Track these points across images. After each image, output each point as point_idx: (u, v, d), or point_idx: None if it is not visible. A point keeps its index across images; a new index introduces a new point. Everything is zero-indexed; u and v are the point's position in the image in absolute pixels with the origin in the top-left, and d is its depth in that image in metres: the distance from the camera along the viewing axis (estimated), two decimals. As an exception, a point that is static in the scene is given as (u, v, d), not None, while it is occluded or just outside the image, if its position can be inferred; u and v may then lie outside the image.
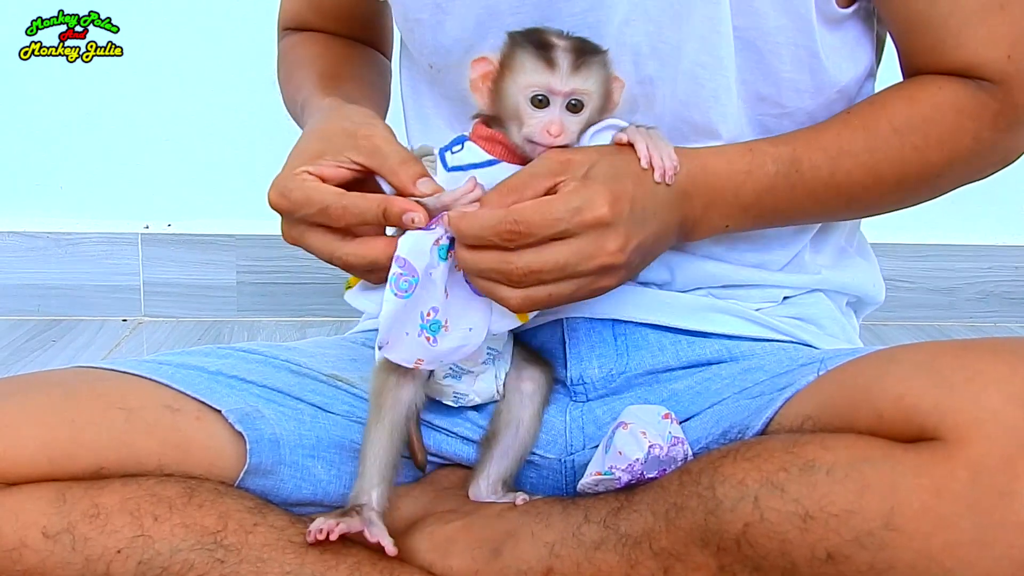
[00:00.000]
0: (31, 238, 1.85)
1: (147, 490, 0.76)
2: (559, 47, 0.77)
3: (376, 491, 0.81)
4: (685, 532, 0.72)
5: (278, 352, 0.93)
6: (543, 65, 0.77)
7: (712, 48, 0.83)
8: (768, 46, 0.84)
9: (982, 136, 0.86)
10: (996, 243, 1.92)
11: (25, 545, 0.73)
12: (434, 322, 0.78)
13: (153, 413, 0.81)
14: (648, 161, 0.78)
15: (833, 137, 0.85)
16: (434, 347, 0.78)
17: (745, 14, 0.83)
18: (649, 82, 0.85)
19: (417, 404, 0.86)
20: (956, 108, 0.85)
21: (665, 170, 0.78)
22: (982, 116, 0.85)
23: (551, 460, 0.90)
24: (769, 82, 0.85)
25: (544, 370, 0.89)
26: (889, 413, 0.68)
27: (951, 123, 0.85)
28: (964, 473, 0.63)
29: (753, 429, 0.78)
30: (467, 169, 0.80)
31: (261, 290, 1.86)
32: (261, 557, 0.75)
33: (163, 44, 1.81)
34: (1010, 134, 0.87)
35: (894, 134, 0.85)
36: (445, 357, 0.80)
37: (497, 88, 0.78)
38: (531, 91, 0.77)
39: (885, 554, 0.64)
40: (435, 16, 0.89)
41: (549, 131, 0.77)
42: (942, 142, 0.85)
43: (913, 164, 0.86)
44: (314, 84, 0.99)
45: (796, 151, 0.84)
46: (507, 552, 0.79)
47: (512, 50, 0.78)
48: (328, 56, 1.05)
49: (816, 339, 0.93)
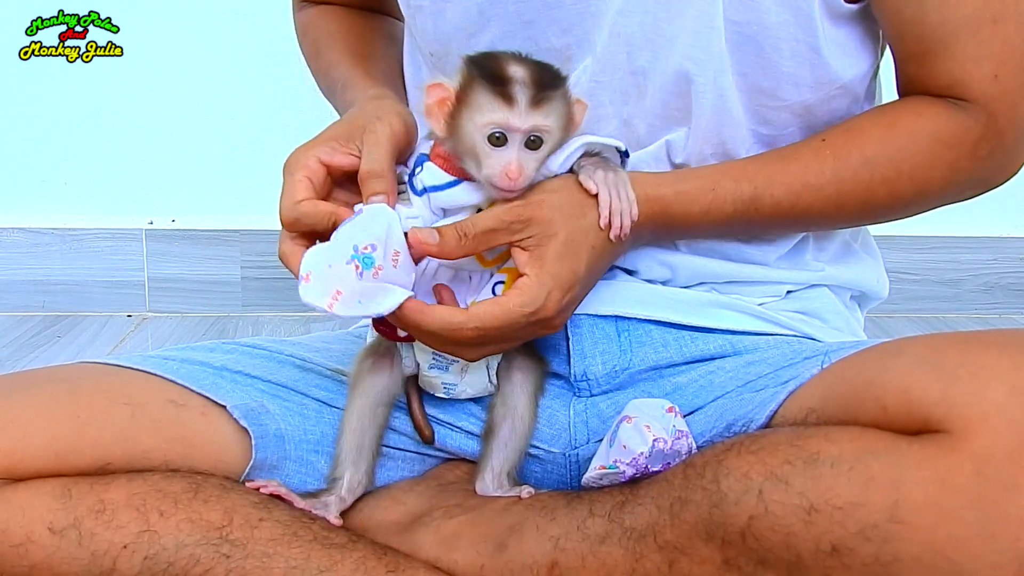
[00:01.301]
0: (36, 234, 1.85)
1: (153, 485, 0.77)
2: (517, 80, 0.76)
3: (346, 475, 0.84)
4: (690, 525, 0.72)
5: (283, 347, 0.94)
6: (500, 102, 0.75)
7: (704, 43, 0.83)
8: (769, 41, 0.84)
9: (960, 166, 0.85)
10: (1001, 235, 1.91)
11: (31, 540, 0.74)
12: (367, 257, 0.76)
13: (158, 409, 0.82)
14: (607, 221, 0.79)
15: (800, 170, 0.85)
16: (360, 281, 0.75)
17: (746, 9, 0.82)
18: (641, 73, 0.85)
19: (392, 391, 0.87)
20: (934, 137, 0.84)
21: (622, 228, 0.80)
22: (962, 144, 0.84)
23: (555, 454, 0.90)
24: (768, 76, 0.85)
25: (535, 359, 0.89)
26: (893, 406, 0.67)
27: (926, 153, 0.84)
28: (969, 466, 0.63)
29: (757, 422, 0.78)
30: (430, 192, 0.79)
31: (265, 285, 1.86)
32: (267, 552, 0.75)
33: (163, 44, 1.81)
34: (991, 161, 0.86)
35: (864, 165, 0.84)
36: (364, 299, 0.75)
37: (453, 121, 0.77)
38: (488, 129, 0.76)
39: (890, 547, 0.64)
40: (436, 3, 0.89)
41: (508, 175, 0.76)
42: (915, 175, 0.85)
43: (880, 196, 0.86)
44: (350, 64, 0.99)
45: (758, 189, 0.84)
46: (512, 546, 0.79)
47: (469, 82, 0.77)
48: (354, 32, 1.05)
49: (820, 332, 0.92)
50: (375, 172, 0.78)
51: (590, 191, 0.79)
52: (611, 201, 0.79)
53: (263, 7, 1.80)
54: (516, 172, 0.76)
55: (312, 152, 0.80)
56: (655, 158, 0.88)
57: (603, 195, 0.79)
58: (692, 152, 0.87)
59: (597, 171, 0.79)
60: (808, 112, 0.87)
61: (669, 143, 0.87)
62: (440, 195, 0.79)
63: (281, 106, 1.81)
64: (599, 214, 0.79)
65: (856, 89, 0.89)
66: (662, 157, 0.88)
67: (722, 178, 0.85)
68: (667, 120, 0.87)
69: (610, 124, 0.87)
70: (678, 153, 0.87)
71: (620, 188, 0.80)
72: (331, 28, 1.05)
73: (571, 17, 0.84)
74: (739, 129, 0.87)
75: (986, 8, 0.81)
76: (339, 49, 1.02)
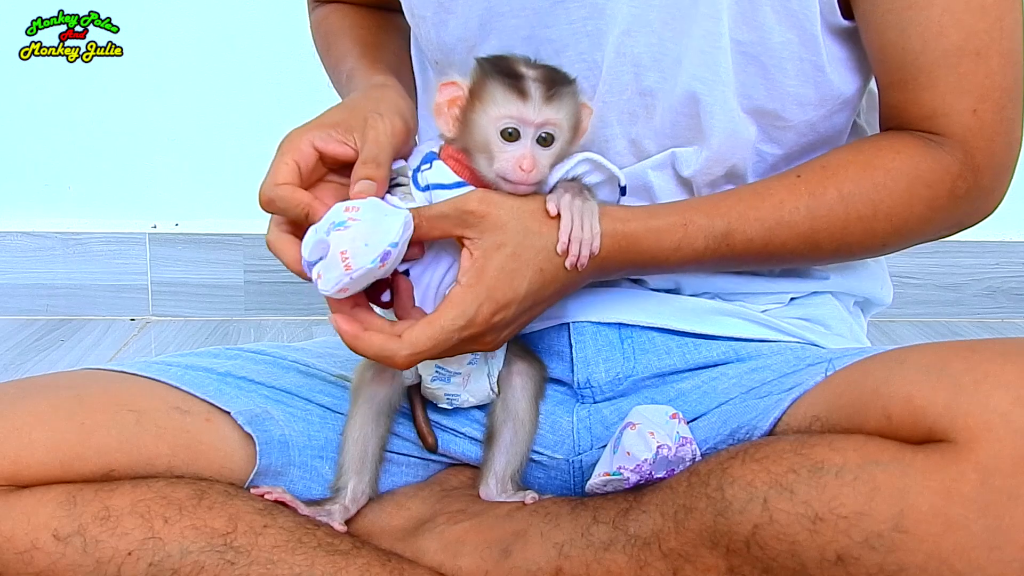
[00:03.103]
0: (39, 238, 1.85)
1: (157, 492, 0.77)
2: (529, 76, 0.76)
3: (350, 485, 0.84)
4: (694, 533, 0.72)
5: (287, 353, 0.94)
6: (515, 95, 0.76)
7: (711, 63, 0.83)
8: (773, 60, 0.83)
9: (937, 204, 0.84)
10: (1003, 239, 1.92)
11: (36, 547, 0.74)
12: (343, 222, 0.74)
13: (163, 415, 0.82)
14: (564, 247, 0.78)
15: (774, 206, 0.83)
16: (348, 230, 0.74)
17: (750, 29, 0.82)
18: (650, 93, 0.85)
19: (393, 400, 0.87)
20: (912, 176, 0.83)
21: (579, 258, 0.78)
22: (940, 182, 0.83)
23: (559, 460, 0.90)
24: (773, 96, 0.85)
25: (534, 363, 0.89)
26: (898, 415, 0.68)
27: (903, 191, 0.83)
28: (974, 475, 0.63)
29: (761, 429, 0.78)
30: (435, 189, 0.79)
31: (268, 289, 1.86)
32: (271, 559, 0.76)
33: (163, 44, 1.81)
34: (967, 201, 0.85)
35: (840, 202, 0.83)
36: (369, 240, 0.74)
37: (465, 118, 0.78)
38: (502, 123, 0.76)
39: (895, 556, 0.64)
40: (438, 15, 0.89)
41: (521, 166, 0.76)
42: (891, 213, 0.84)
43: (856, 234, 0.84)
44: (358, 55, 0.98)
45: (731, 225, 0.83)
46: (516, 552, 0.79)
47: (482, 79, 0.77)
48: (365, 26, 1.05)
49: (823, 339, 0.92)
50: (371, 160, 0.78)
51: (551, 212, 0.78)
52: (572, 228, 0.78)
53: (265, 7, 1.80)
54: (530, 165, 0.76)
55: (307, 136, 0.80)
56: (659, 165, 0.88)
57: (565, 220, 0.77)
58: (701, 170, 0.87)
59: (565, 195, 0.78)
60: (812, 130, 0.87)
61: (675, 155, 0.87)
62: (443, 193, 0.79)
63: (285, 109, 1.81)
64: (558, 239, 0.78)
65: (855, 103, 0.89)
66: (667, 166, 0.88)
67: (694, 214, 0.83)
68: (676, 140, 0.86)
69: (618, 143, 0.87)
70: (684, 168, 0.87)
71: (586, 217, 0.78)
72: (343, 23, 1.05)
73: (565, 37, 0.84)
74: (748, 149, 0.87)
75: (969, 40, 0.80)
76: (348, 42, 1.02)
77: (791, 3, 0.81)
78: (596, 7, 0.83)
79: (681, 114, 0.85)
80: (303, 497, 0.84)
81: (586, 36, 0.83)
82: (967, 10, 0.80)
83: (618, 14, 0.83)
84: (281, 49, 1.82)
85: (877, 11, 0.81)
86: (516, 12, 0.85)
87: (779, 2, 0.81)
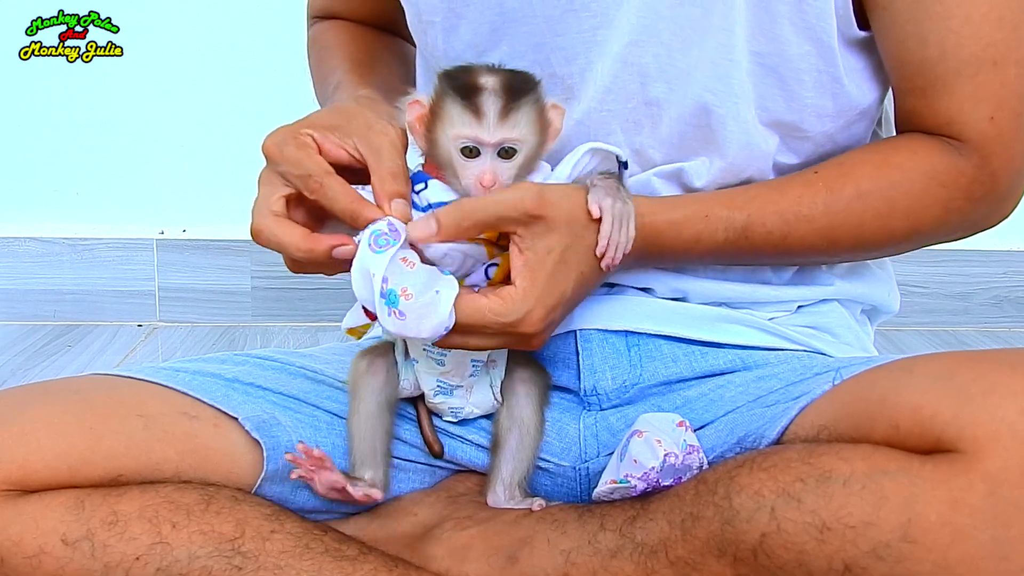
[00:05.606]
0: (47, 244, 1.85)
1: (165, 497, 0.77)
2: (486, 91, 0.76)
3: (367, 476, 0.84)
4: (701, 542, 0.72)
5: (294, 359, 0.94)
6: (469, 116, 0.76)
7: (723, 75, 0.83)
8: (791, 72, 0.84)
9: (953, 205, 0.85)
10: (1010, 248, 1.91)
11: (45, 552, 0.74)
12: (390, 292, 0.75)
13: (171, 420, 0.82)
14: (603, 250, 0.78)
15: (793, 200, 0.84)
16: (407, 303, 0.74)
17: (767, 40, 0.82)
18: (656, 103, 0.85)
19: (392, 393, 0.87)
20: (928, 175, 0.84)
21: (614, 260, 0.79)
22: (956, 184, 0.84)
23: (565, 467, 0.90)
24: (791, 108, 0.85)
25: (537, 370, 0.89)
26: (906, 424, 0.67)
27: (920, 191, 0.84)
28: (982, 486, 0.63)
29: (768, 438, 0.78)
30: (436, 207, 0.79)
31: (275, 295, 1.86)
32: (279, 564, 0.76)
33: (163, 44, 1.81)
34: (983, 204, 0.86)
35: (857, 199, 0.84)
36: (422, 318, 0.75)
37: (429, 136, 0.78)
38: (460, 142, 0.77)
39: (903, 566, 0.64)
40: (448, 19, 0.89)
41: (482, 182, 0.76)
42: (909, 210, 0.85)
43: (872, 231, 0.85)
44: (347, 70, 0.99)
45: (751, 217, 0.84)
46: (523, 559, 0.79)
47: (440, 96, 0.78)
48: (358, 43, 1.05)
49: (830, 347, 0.92)
50: (395, 172, 0.78)
51: (594, 215, 0.78)
52: (611, 232, 0.78)
53: (267, 8, 1.80)
54: (490, 181, 0.76)
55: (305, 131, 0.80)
56: (666, 175, 0.88)
57: (606, 223, 0.78)
58: (713, 182, 0.87)
59: (607, 198, 0.78)
60: (830, 140, 0.87)
61: (683, 170, 0.87)
62: None
63: (294, 114, 1.78)
64: (597, 241, 0.78)
65: (873, 113, 0.89)
66: (673, 178, 0.88)
67: (715, 206, 0.84)
68: (682, 150, 0.86)
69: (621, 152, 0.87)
70: (696, 180, 0.87)
71: (624, 221, 0.78)
72: (339, 39, 1.06)
73: (575, 46, 0.84)
74: (766, 161, 0.87)
75: (987, 50, 0.81)
76: (339, 57, 1.02)
77: (808, 15, 0.82)
78: (606, 17, 0.83)
79: (690, 125, 0.85)
80: (309, 504, 0.85)
81: (595, 45, 0.83)
82: (985, 21, 0.81)
83: (627, 24, 0.83)
84: (288, 51, 1.80)
85: (896, 22, 0.82)
86: (528, 19, 0.85)
87: (796, 14, 0.82)
